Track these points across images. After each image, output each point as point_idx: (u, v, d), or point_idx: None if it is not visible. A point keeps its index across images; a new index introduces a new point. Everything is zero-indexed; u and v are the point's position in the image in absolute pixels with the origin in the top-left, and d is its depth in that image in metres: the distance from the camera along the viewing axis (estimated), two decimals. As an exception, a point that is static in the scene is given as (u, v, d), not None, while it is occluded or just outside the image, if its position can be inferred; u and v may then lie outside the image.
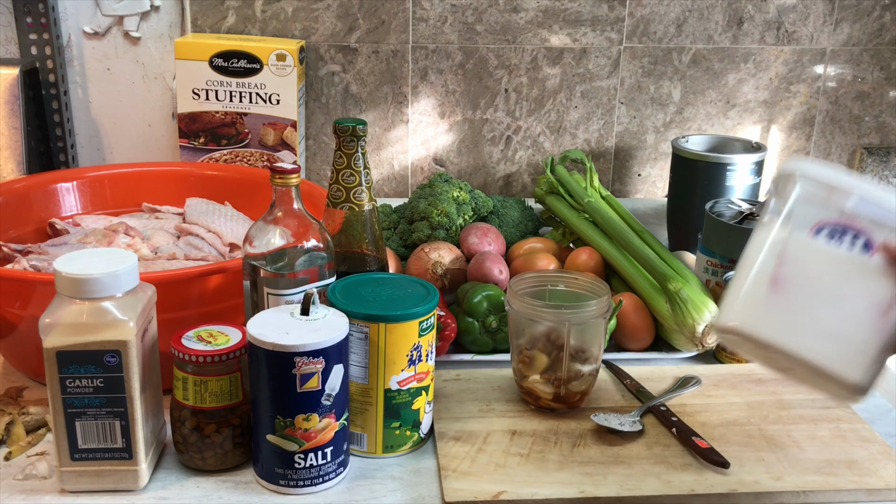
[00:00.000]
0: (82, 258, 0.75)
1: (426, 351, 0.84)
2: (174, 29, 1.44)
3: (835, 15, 1.50)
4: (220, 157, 1.40)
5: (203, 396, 0.78)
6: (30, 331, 0.79)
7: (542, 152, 1.54)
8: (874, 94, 1.56)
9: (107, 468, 0.77)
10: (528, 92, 1.50)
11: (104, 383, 0.74)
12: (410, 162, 1.53)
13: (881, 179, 1.56)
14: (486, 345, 1.03)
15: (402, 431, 0.84)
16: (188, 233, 1.11)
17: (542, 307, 0.89)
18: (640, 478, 0.81)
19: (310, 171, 1.52)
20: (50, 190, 1.14)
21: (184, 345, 0.78)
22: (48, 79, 1.41)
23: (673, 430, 0.87)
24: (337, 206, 0.92)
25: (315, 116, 1.49)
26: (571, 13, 1.46)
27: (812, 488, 0.80)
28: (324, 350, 0.75)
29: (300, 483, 0.78)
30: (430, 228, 1.18)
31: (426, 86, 1.49)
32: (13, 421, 0.86)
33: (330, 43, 1.45)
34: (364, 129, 0.89)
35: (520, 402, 0.93)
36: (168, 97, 1.48)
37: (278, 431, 0.76)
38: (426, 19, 1.45)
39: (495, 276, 1.07)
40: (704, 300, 0.99)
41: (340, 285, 0.86)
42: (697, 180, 1.27)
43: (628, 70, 1.51)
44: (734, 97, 1.54)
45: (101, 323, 0.73)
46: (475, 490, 0.78)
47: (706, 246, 1.06)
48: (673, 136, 1.54)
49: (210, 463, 0.80)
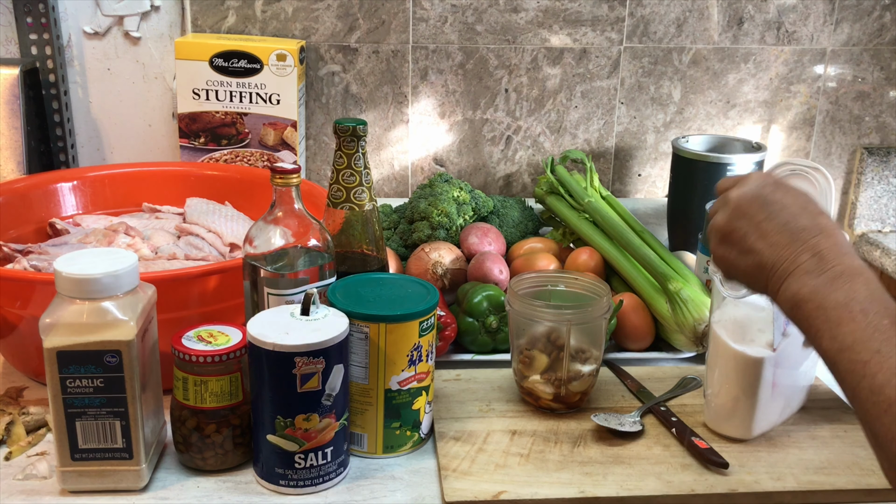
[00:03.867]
0: (82, 258, 0.75)
1: (426, 351, 0.84)
2: (174, 29, 1.44)
3: (835, 15, 1.50)
4: (220, 157, 1.40)
5: (203, 396, 0.78)
6: (30, 331, 0.79)
7: (542, 152, 1.54)
8: (874, 94, 1.56)
9: (107, 468, 0.77)
10: (529, 92, 1.50)
11: (104, 383, 0.74)
12: (410, 162, 1.53)
13: (881, 179, 1.56)
14: (486, 345, 1.03)
15: (402, 431, 0.84)
16: (188, 233, 1.11)
17: (542, 307, 0.89)
18: (640, 478, 0.81)
19: (310, 171, 1.52)
20: (50, 190, 1.14)
21: (184, 345, 0.78)
22: (48, 79, 1.41)
23: (673, 430, 0.87)
24: (337, 206, 0.92)
25: (315, 116, 1.49)
26: (571, 13, 1.46)
27: (812, 488, 0.80)
28: (324, 350, 0.75)
29: (300, 483, 0.78)
30: (430, 228, 1.18)
31: (426, 86, 1.49)
32: (13, 421, 0.86)
33: (330, 43, 1.45)
34: (364, 129, 0.89)
35: (520, 402, 0.93)
36: (168, 97, 1.48)
37: (278, 431, 0.76)
38: (426, 19, 1.45)
39: (495, 276, 1.07)
40: (704, 300, 0.99)
41: (341, 285, 0.86)
42: (697, 180, 1.27)
43: (628, 70, 1.50)
44: (734, 97, 1.54)
45: (102, 323, 0.73)
46: (475, 490, 0.78)
47: (706, 246, 1.06)
48: (673, 136, 1.54)
49: (210, 463, 0.80)
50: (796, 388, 0.90)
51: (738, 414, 0.86)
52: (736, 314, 0.86)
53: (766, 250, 0.69)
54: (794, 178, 0.82)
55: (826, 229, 0.67)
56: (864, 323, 0.60)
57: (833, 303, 0.63)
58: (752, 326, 0.85)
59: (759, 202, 0.70)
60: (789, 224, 0.68)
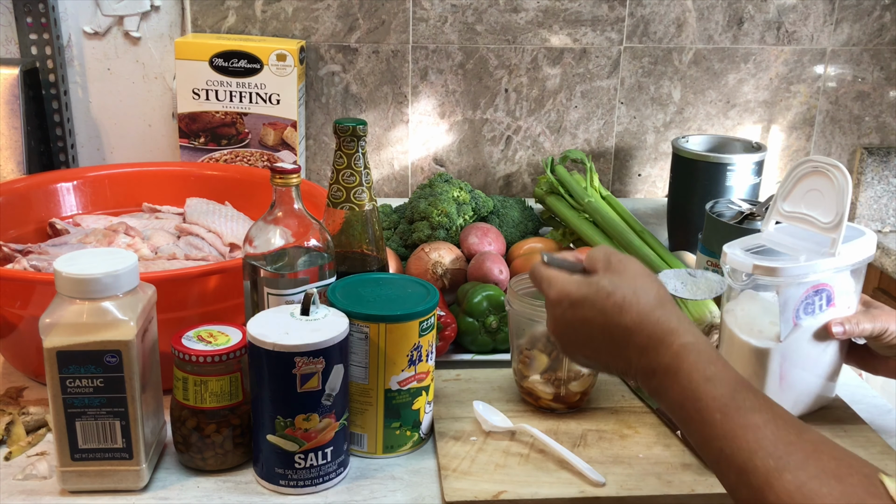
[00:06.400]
0: (82, 258, 0.75)
1: (426, 351, 0.83)
2: (174, 29, 1.44)
3: (835, 15, 1.50)
4: (220, 157, 1.40)
5: (203, 396, 0.78)
6: (30, 331, 0.79)
7: (542, 152, 1.54)
8: (874, 94, 1.56)
9: (107, 468, 0.77)
10: (529, 92, 1.50)
11: (104, 383, 0.74)
12: (410, 162, 1.53)
13: (881, 179, 1.56)
14: (486, 345, 1.03)
15: (402, 431, 0.84)
16: (188, 233, 1.11)
17: (542, 307, 0.89)
18: (640, 478, 0.81)
19: (310, 171, 1.52)
20: (50, 190, 1.14)
21: (184, 345, 0.77)
22: (48, 79, 1.41)
23: (678, 432, 0.87)
24: (337, 206, 0.92)
25: (315, 116, 1.49)
26: (571, 13, 1.46)
27: (812, 488, 0.80)
28: (324, 350, 0.75)
29: (300, 483, 0.78)
30: (430, 228, 1.18)
31: (426, 86, 1.49)
32: (13, 421, 0.86)
33: (330, 43, 1.45)
34: (364, 129, 0.89)
35: (520, 402, 0.93)
36: (168, 97, 1.48)
37: (278, 431, 0.76)
38: (426, 19, 1.45)
39: (495, 276, 1.07)
40: (705, 300, 0.99)
41: (340, 285, 0.86)
42: (697, 180, 1.27)
43: (628, 70, 1.51)
44: (734, 97, 1.54)
45: (102, 323, 0.73)
46: (475, 490, 0.78)
47: (706, 246, 1.06)
48: (673, 136, 1.54)
49: (210, 463, 0.80)
50: (808, 388, 0.89)
51: None
52: (748, 306, 0.86)
53: (606, 364, 0.70)
54: (814, 175, 0.83)
55: (633, 326, 0.67)
56: (700, 420, 0.62)
57: (671, 405, 0.65)
58: (764, 319, 0.85)
59: (570, 328, 0.70)
60: (604, 338, 0.68)
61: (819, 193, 0.83)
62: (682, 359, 0.64)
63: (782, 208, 0.87)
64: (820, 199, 0.83)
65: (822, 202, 0.83)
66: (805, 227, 0.85)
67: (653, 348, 0.66)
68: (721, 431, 0.60)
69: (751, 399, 0.61)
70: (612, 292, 0.68)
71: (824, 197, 0.82)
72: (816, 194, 0.83)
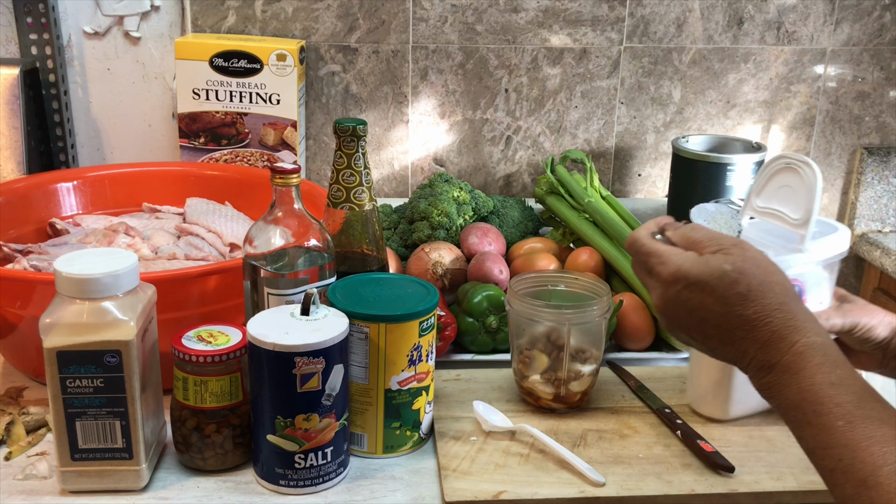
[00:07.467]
0: (82, 258, 0.75)
1: (426, 351, 0.83)
2: (174, 29, 1.44)
3: (835, 15, 1.50)
4: (220, 157, 1.40)
5: (203, 396, 0.78)
6: (30, 331, 0.79)
7: (542, 152, 1.54)
8: (874, 94, 1.56)
9: (107, 468, 0.77)
10: (529, 92, 1.50)
11: (104, 383, 0.74)
12: (410, 162, 1.53)
13: (881, 179, 1.56)
14: (486, 345, 1.03)
15: (402, 431, 0.84)
16: (188, 233, 1.11)
17: (542, 307, 0.89)
18: (640, 478, 0.81)
19: (310, 171, 1.52)
20: (50, 190, 1.14)
21: (184, 345, 0.77)
22: (48, 79, 1.41)
23: (678, 432, 0.87)
24: (337, 206, 0.92)
25: (315, 116, 1.49)
26: (571, 13, 1.46)
27: (812, 488, 0.80)
28: (324, 350, 0.75)
29: (300, 483, 0.78)
30: (430, 228, 1.18)
31: (426, 86, 1.49)
32: (13, 421, 0.86)
33: (330, 43, 1.45)
34: (364, 129, 0.89)
35: (520, 402, 0.93)
36: (168, 97, 1.48)
37: (279, 431, 0.76)
38: (426, 19, 1.45)
39: (495, 276, 1.07)
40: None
41: (340, 285, 0.86)
42: (697, 180, 1.27)
43: (628, 70, 1.50)
44: (734, 97, 1.54)
45: (102, 323, 0.73)
46: (475, 490, 0.78)
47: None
48: (673, 136, 1.54)
49: (210, 463, 0.80)
50: None
51: (717, 394, 0.88)
52: None
53: (713, 349, 0.67)
54: (786, 171, 0.82)
55: (755, 320, 0.64)
56: (819, 425, 0.59)
57: (786, 405, 0.61)
58: None
59: (682, 309, 0.67)
60: (721, 326, 0.65)
61: (791, 189, 0.83)
62: (806, 359, 0.61)
63: (756, 204, 0.86)
64: (791, 196, 0.82)
65: (793, 198, 0.82)
66: (776, 223, 0.85)
67: (774, 344, 0.62)
68: (843, 440, 0.57)
69: (878, 409, 0.58)
70: (736, 280, 0.64)
71: (795, 193, 0.82)
72: (788, 190, 0.83)
